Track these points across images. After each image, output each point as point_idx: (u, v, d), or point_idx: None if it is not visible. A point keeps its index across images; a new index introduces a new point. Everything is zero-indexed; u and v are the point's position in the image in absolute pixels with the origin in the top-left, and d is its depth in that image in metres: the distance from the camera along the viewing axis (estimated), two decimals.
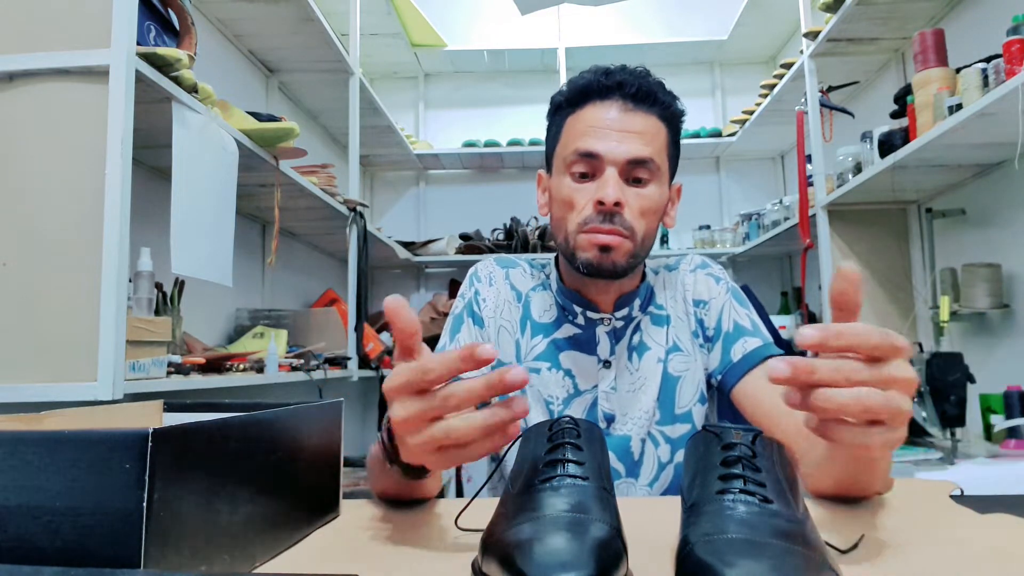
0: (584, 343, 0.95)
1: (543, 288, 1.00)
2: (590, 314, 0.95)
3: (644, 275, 0.99)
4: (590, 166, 0.87)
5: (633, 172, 0.86)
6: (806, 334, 0.44)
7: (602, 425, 0.93)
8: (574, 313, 0.96)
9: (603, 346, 0.94)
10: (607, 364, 0.94)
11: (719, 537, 0.40)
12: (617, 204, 0.84)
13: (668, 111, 0.90)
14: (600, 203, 0.84)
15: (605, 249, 0.85)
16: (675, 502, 0.63)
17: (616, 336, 0.95)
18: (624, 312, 0.95)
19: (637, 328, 0.96)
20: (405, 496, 0.70)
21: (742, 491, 0.44)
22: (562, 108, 0.93)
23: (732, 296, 0.97)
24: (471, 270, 1.03)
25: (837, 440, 0.46)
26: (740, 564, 0.37)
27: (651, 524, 0.60)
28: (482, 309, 0.98)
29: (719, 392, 0.96)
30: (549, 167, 0.96)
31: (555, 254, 1.01)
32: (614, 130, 0.86)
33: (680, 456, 0.93)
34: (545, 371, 0.95)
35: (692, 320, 0.97)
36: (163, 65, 1.26)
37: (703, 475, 0.47)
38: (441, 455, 0.50)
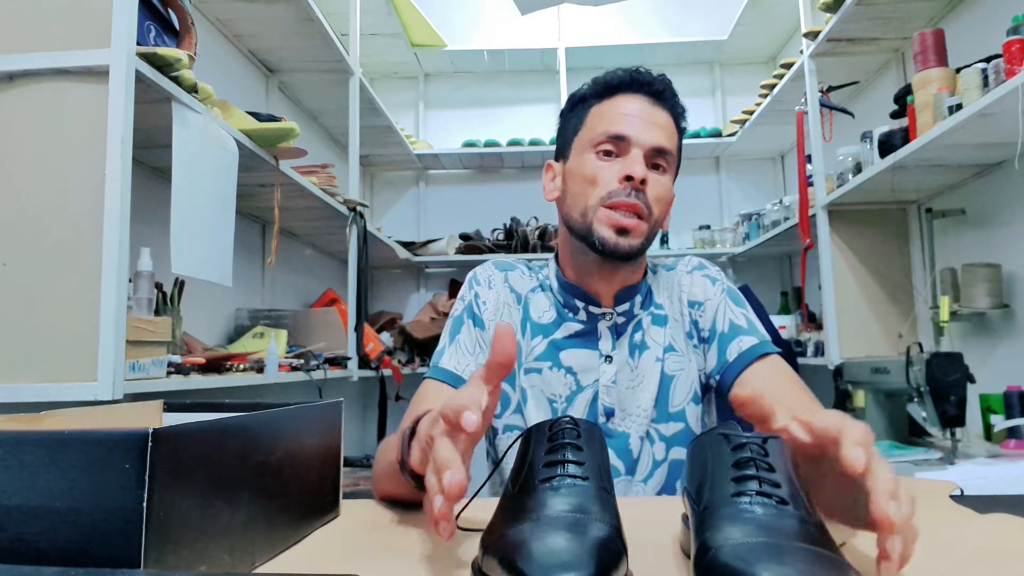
0: (586, 338, 0.96)
1: (541, 290, 1.01)
2: (592, 309, 0.96)
3: (646, 272, 1.00)
4: (617, 147, 0.91)
5: (654, 159, 0.92)
6: (859, 457, 0.41)
7: (601, 419, 0.93)
8: (575, 308, 0.97)
9: (605, 341, 0.96)
10: (608, 359, 0.95)
11: (743, 542, 0.39)
12: (643, 181, 0.89)
13: (681, 116, 0.98)
14: (629, 177, 0.88)
15: (623, 232, 0.89)
16: (675, 502, 0.63)
17: (617, 331, 0.96)
18: (625, 307, 0.97)
19: (639, 326, 0.97)
20: (412, 500, 0.70)
21: (759, 493, 0.43)
22: (587, 100, 0.97)
23: (727, 296, 0.98)
24: (470, 274, 1.04)
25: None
26: (769, 569, 0.36)
27: (650, 524, 0.60)
28: (482, 312, 0.99)
29: (717, 393, 0.96)
30: (562, 155, 0.99)
31: (553, 252, 1.02)
32: (642, 119, 0.92)
33: (674, 454, 0.94)
34: (546, 370, 0.95)
35: (687, 321, 0.98)
36: (163, 65, 1.26)
37: (714, 477, 0.46)
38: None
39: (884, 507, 0.39)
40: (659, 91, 0.94)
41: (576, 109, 0.98)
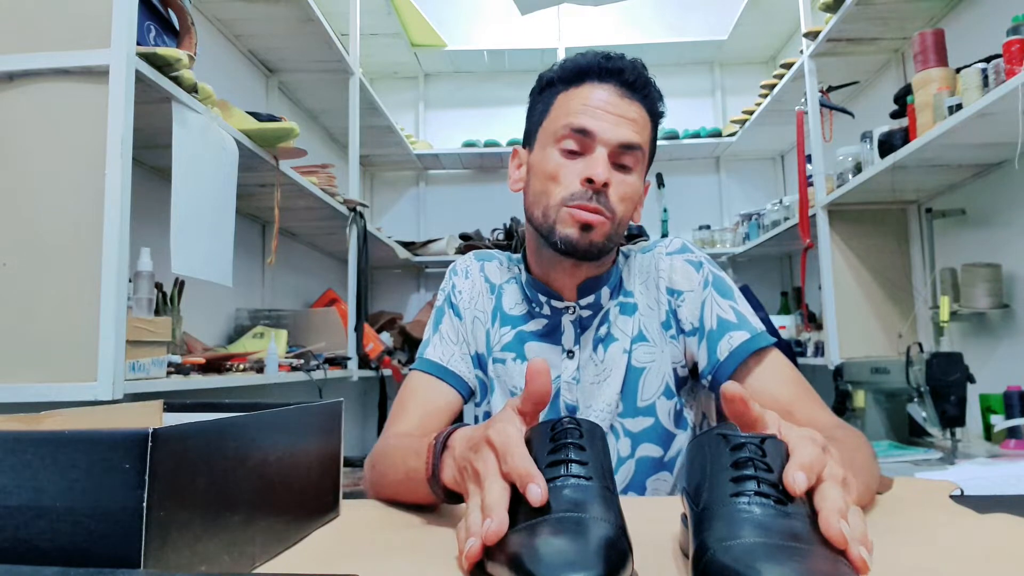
0: (549, 333, 0.94)
1: (516, 282, 1.00)
2: (555, 303, 0.93)
3: (615, 261, 0.96)
4: (580, 143, 0.86)
5: (621, 157, 0.86)
6: (799, 481, 0.43)
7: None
8: (540, 303, 0.94)
9: (567, 336, 0.93)
10: (570, 354, 0.92)
11: (739, 542, 0.39)
12: (605, 184, 0.84)
13: (655, 107, 0.91)
14: (589, 180, 0.84)
15: (586, 227, 0.84)
16: (675, 502, 0.63)
17: (582, 326, 0.93)
18: (590, 300, 0.93)
19: (605, 319, 0.93)
20: (422, 503, 0.68)
21: (757, 493, 0.43)
22: (554, 85, 0.92)
23: (713, 287, 0.91)
24: (451, 265, 1.04)
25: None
26: (767, 569, 0.36)
27: (651, 524, 0.60)
28: (459, 301, 0.99)
29: (712, 391, 0.94)
30: (528, 142, 0.95)
31: (523, 248, 1.00)
32: (609, 112, 0.86)
33: (643, 451, 0.91)
34: (510, 361, 0.95)
35: (663, 310, 0.93)
36: (163, 65, 1.26)
37: (712, 477, 0.46)
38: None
39: (835, 526, 0.41)
40: (632, 82, 0.87)
41: (544, 93, 0.93)
